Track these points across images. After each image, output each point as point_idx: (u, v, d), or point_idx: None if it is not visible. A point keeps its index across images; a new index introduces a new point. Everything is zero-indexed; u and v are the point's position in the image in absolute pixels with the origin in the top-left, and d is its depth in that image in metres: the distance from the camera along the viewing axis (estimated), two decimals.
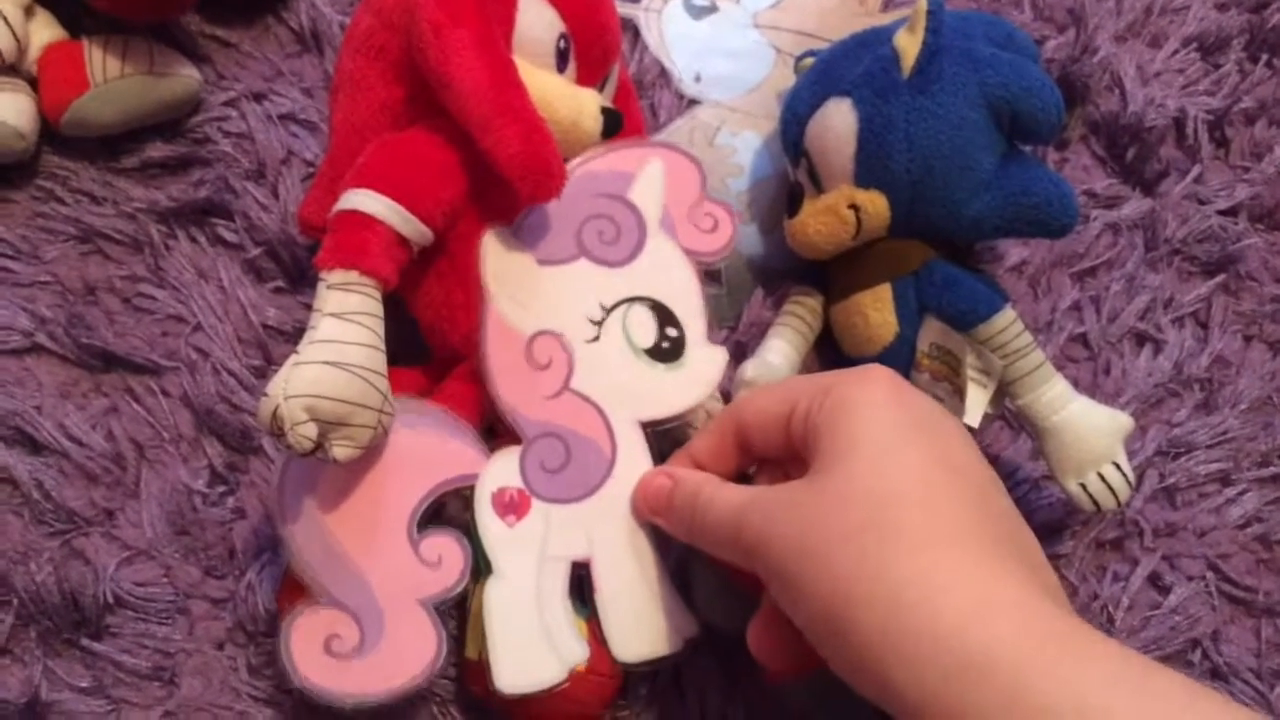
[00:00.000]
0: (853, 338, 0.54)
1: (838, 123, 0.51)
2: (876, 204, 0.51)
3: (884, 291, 0.52)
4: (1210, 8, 0.67)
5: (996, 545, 0.35)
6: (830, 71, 0.53)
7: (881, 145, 0.50)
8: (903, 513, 0.35)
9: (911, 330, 0.52)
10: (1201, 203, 0.63)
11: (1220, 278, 0.62)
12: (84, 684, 0.49)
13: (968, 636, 0.32)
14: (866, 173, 0.51)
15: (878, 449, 0.37)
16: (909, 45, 0.49)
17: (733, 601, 0.47)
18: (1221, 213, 0.63)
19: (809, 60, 0.57)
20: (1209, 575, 0.55)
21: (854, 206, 0.51)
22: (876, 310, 0.52)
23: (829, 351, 0.57)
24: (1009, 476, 0.55)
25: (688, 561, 0.48)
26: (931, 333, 0.51)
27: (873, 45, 0.52)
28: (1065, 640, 0.32)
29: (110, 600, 0.50)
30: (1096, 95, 0.64)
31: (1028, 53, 0.53)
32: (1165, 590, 0.55)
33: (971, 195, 0.50)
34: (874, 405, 0.39)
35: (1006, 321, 0.49)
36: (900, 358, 0.52)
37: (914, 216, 0.51)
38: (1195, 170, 0.63)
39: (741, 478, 0.46)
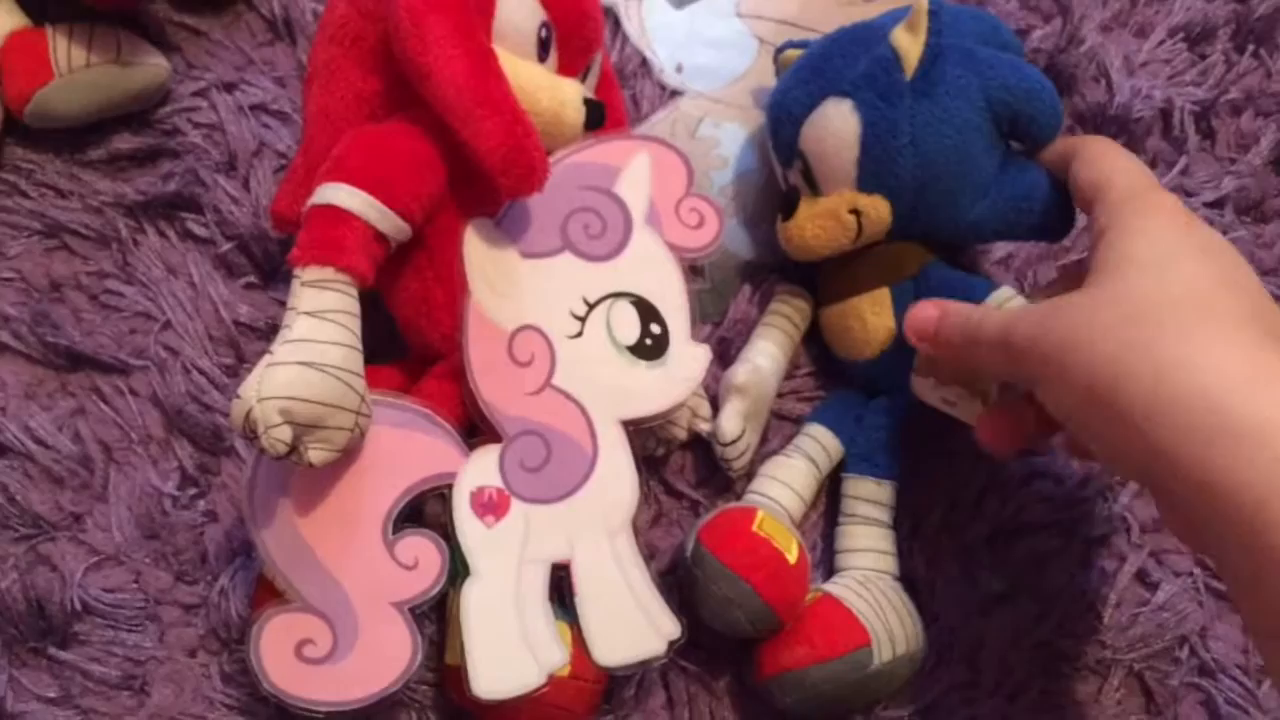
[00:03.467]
0: (849, 341, 0.54)
1: (839, 125, 0.49)
2: (879, 209, 0.50)
3: (883, 295, 0.52)
4: None
5: (1271, 339, 0.36)
6: (825, 70, 0.51)
7: (886, 150, 0.48)
8: (1173, 311, 0.37)
9: None
10: (1188, 195, 0.62)
11: None
12: (51, 694, 0.48)
13: (1240, 406, 0.34)
14: (870, 177, 0.49)
15: (1155, 264, 0.39)
16: (910, 46, 0.48)
17: (740, 603, 0.46)
18: (1208, 205, 0.62)
19: (791, 52, 0.56)
20: (1196, 572, 0.55)
21: (855, 211, 0.50)
22: (875, 315, 0.52)
23: (815, 348, 0.57)
24: (1001, 470, 0.54)
25: (691, 566, 0.48)
26: None
27: (867, 43, 0.50)
28: None
29: (78, 607, 0.49)
30: (1083, 86, 0.64)
31: (1013, 48, 0.52)
32: (1153, 587, 0.54)
33: (973, 200, 0.50)
34: (1154, 227, 0.41)
35: None
36: (898, 362, 0.51)
37: (915, 220, 0.50)
38: (1182, 162, 0.63)
39: None
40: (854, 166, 0.49)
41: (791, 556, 0.48)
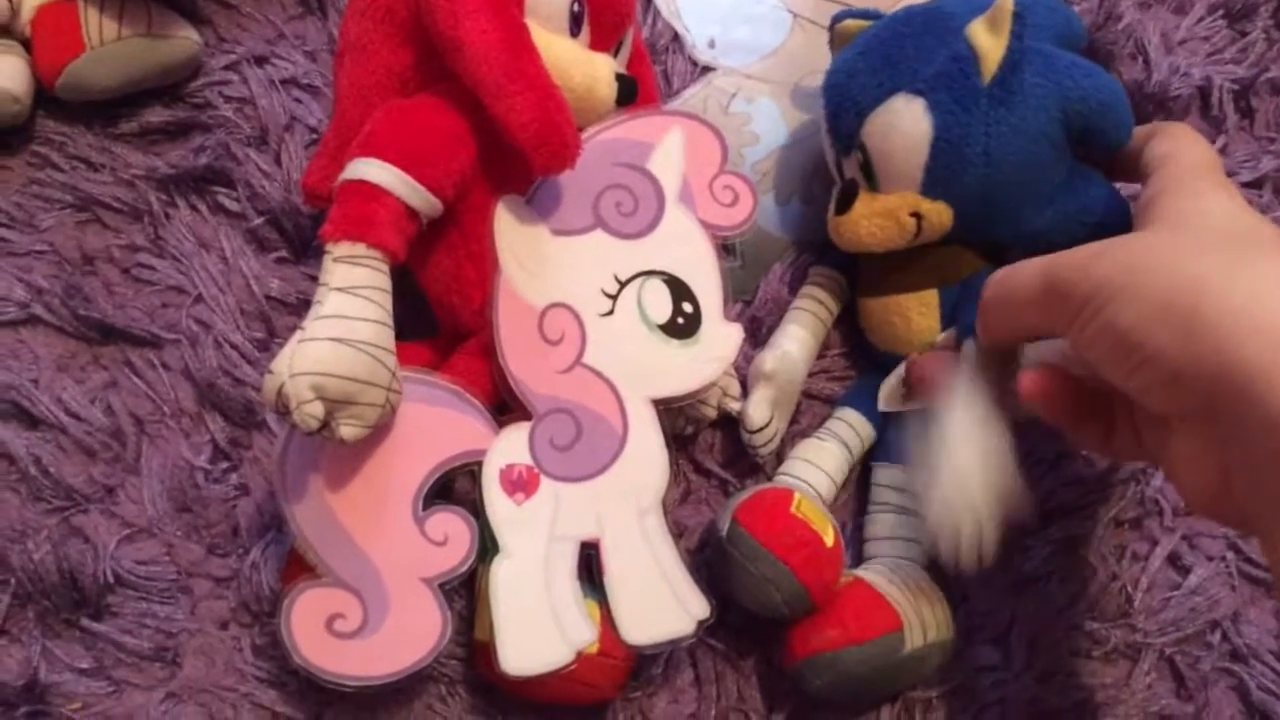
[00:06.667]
0: (890, 335, 0.53)
1: (909, 126, 0.47)
2: (941, 215, 0.48)
3: (930, 297, 0.51)
4: None
5: None
6: (897, 61, 0.49)
7: (958, 158, 0.47)
8: (1258, 244, 0.37)
9: None
10: (1226, 174, 0.61)
11: None
12: (84, 665, 0.49)
13: None
14: (936, 183, 0.48)
15: (1224, 216, 0.39)
16: (991, 48, 0.46)
17: (777, 584, 0.46)
18: (1246, 185, 0.61)
19: (851, 23, 0.54)
20: (1229, 555, 0.55)
21: (916, 214, 0.48)
22: (921, 315, 0.51)
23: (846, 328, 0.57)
24: (1032, 452, 0.54)
25: (727, 545, 0.48)
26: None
27: (942, 35, 0.48)
28: None
29: (110, 579, 0.49)
30: (1120, 63, 0.63)
31: (1083, 40, 0.51)
32: (1185, 570, 0.54)
33: (1035, 211, 0.48)
34: (1214, 195, 0.41)
35: None
36: None
37: (973, 227, 0.49)
38: (1220, 141, 0.62)
39: None
40: (920, 170, 0.48)
41: (829, 539, 0.48)
